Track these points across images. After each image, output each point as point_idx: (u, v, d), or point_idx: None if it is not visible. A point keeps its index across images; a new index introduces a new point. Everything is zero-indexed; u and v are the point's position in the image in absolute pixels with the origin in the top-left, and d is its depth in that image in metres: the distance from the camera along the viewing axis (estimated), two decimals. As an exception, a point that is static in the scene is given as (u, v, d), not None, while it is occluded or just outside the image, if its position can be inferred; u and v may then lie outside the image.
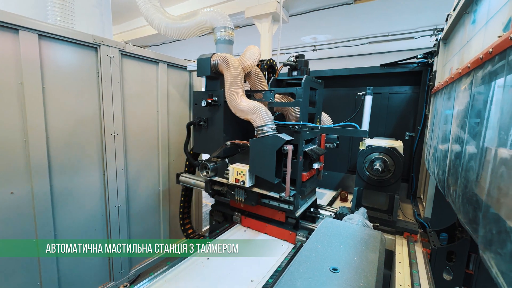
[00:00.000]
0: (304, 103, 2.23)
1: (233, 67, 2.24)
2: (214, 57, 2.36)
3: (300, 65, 2.51)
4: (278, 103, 2.34)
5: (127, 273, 3.01)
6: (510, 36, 0.86)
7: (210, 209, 2.96)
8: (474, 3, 1.57)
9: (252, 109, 2.11)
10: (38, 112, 2.15)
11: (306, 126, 2.15)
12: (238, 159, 2.41)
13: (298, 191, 2.31)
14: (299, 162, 2.26)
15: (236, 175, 2.25)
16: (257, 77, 2.61)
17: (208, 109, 2.47)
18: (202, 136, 2.61)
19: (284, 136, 2.04)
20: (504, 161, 0.87)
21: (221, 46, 2.80)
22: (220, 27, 2.76)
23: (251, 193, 2.34)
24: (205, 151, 2.65)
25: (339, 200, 3.82)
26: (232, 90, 2.22)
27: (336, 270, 0.78)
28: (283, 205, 2.35)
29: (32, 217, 2.20)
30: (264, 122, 2.08)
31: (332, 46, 9.09)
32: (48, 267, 2.31)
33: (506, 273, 0.80)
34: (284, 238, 2.42)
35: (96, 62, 2.53)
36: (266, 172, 2.07)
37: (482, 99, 1.14)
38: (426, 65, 3.29)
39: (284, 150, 2.01)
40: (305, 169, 2.45)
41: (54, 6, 2.76)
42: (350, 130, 2.03)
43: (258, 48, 2.49)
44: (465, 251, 2.09)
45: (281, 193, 2.14)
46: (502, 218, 0.84)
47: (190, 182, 2.77)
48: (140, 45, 9.43)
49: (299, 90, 2.17)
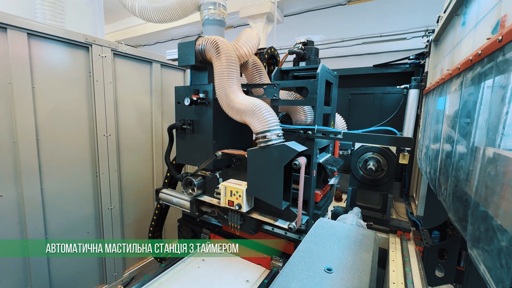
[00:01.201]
0: (320, 101, 1.70)
1: (225, 54, 1.72)
2: (200, 41, 1.81)
3: (309, 53, 2.01)
4: (284, 100, 1.82)
5: (121, 276, 2.97)
6: (498, 39, 0.88)
7: (178, 224, 2.56)
8: (463, 6, 1.60)
9: (251, 109, 1.59)
10: (27, 113, 2.10)
11: (323, 132, 1.62)
12: (232, 174, 1.91)
13: (311, 216, 1.81)
14: (312, 179, 1.75)
15: (230, 196, 1.73)
16: (256, 68, 2.07)
17: (193, 109, 1.97)
18: (187, 144, 2.07)
19: (295, 145, 1.53)
20: (492, 160, 0.89)
21: (210, 28, 2.16)
22: (208, 3, 2.14)
23: (250, 218, 1.81)
24: (190, 162, 2.12)
25: (334, 200, 3.85)
26: (224, 83, 1.70)
27: (331, 270, 0.78)
28: (292, 234, 1.84)
29: (22, 220, 2.15)
30: (268, 127, 1.56)
31: (326, 46, 9.16)
32: (39, 269, 2.26)
33: (493, 269, 0.82)
34: (258, 262, 2.04)
35: (88, 62, 2.49)
36: (270, 195, 1.57)
37: (472, 99, 1.17)
38: (418, 65, 3.35)
39: (295, 165, 1.50)
40: (318, 186, 1.93)
41: (43, 5, 2.70)
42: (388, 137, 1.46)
43: (257, 32, 1.96)
44: (456, 248, 2.13)
45: (291, 222, 1.63)
46: (489, 215, 0.86)
47: (172, 201, 2.18)
48: (133, 44, 9.32)
49: (313, 83, 1.64)
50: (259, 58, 2.22)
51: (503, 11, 0.97)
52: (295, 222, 1.61)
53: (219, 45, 1.74)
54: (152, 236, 2.69)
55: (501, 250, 0.77)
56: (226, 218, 1.94)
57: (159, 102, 3.20)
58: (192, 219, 2.51)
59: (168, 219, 3.52)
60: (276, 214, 1.74)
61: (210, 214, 2.07)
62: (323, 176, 1.98)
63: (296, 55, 2.01)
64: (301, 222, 1.66)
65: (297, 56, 2.00)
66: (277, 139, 1.57)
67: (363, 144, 2.72)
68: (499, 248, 0.79)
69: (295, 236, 1.83)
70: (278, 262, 1.96)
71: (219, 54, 1.74)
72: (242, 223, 1.88)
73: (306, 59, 2.03)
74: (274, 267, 1.97)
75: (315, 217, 1.89)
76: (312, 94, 1.68)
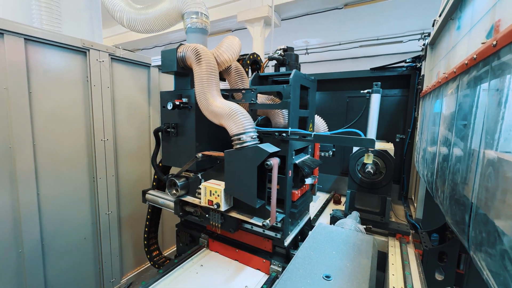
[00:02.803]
0: (294, 105, 1.81)
1: (205, 60, 1.82)
2: (181, 49, 1.93)
3: (289, 59, 2.10)
4: (261, 104, 1.93)
5: (118, 282, 2.93)
6: (493, 44, 0.89)
7: (176, 229, 2.59)
8: (458, 10, 1.62)
9: (227, 112, 1.70)
10: (24, 118, 2.09)
11: (296, 134, 1.73)
12: (213, 175, 1.98)
13: (288, 214, 1.90)
14: (288, 178, 1.85)
15: (209, 195, 1.82)
16: (238, 74, 2.18)
17: (177, 113, 2.06)
18: (172, 146, 2.16)
19: (268, 147, 1.65)
20: (490, 163, 0.89)
21: (193, 36, 2.27)
22: (191, 12, 2.24)
23: (230, 217, 1.92)
24: (175, 164, 2.20)
25: (333, 203, 3.84)
26: (204, 88, 1.80)
27: (329, 277, 0.77)
28: (269, 232, 1.93)
29: (18, 226, 2.12)
30: (243, 129, 1.67)
31: (324, 49, 9.23)
32: (35, 276, 2.23)
33: (497, 274, 0.81)
34: (257, 267, 2.06)
35: (85, 66, 2.48)
36: (245, 193, 1.67)
37: (468, 103, 1.17)
38: (415, 68, 3.38)
39: (267, 166, 1.59)
40: (295, 186, 2.04)
41: (40, 10, 2.70)
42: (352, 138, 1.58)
43: (238, 40, 2.06)
44: (455, 251, 2.12)
45: (265, 219, 1.72)
46: (490, 219, 0.86)
47: (158, 202, 2.26)
48: (131, 48, 9.33)
49: (286, 88, 1.76)
50: (242, 64, 2.32)
51: (497, 16, 0.98)
52: (269, 220, 1.69)
53: (199, 53, 1.84)
54: (147, 243, 2.67)
55: (504, 254, 0.77)
56: (208, 217, 2.02)
57: (157, 106, 3.20)
58: (190, 223, 2.50)
59: (166, 224, 3.50)
60: (253, 213, 1.82)
61: (193, 214, 2.14)
62: (300, 176, 2.06)
63: (276, 61, 2.10)
64: (275, 220, 1.73)
65: (277, 62, 2.10)
66: (251, 141, 1.67)
67: (361, 148, 2.72)
68: (502, 252, 0.78)
69: (272, 234, 1.91)
70: (277, 267, 1.96)
71: (199, 61, 1.84)
72: (222, 222, 1.97)
73: (286, 64, 2.11)
74: (273, 271, 1.96)
75: (291, 215, 1.97)
76: (285, 98, 1.78)
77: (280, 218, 1.82)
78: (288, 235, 1.95)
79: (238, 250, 2.16)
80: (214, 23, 6.69)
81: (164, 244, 3.57)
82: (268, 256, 2.03)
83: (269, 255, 2.05)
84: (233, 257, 2.21)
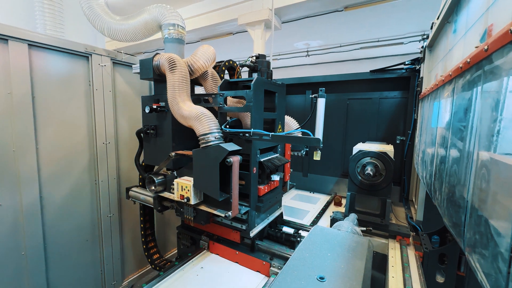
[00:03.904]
0: (256, 108, 1.96)
1: (178, 69, 1.98)
2: (157, 58, 2.08)
3: (260, 66, 2.22)
4: (228, 108, 2.07)
5: (120, 284, 2.95)
6: (484, 48, 0.90)
7: (177, 231, 2.67)
8: (454, 14, 1.63)
9: (194, 115, 1.86)
10: (27, 122, 2.13)
11: (257, 134, 1.89)
12: (186, 172, 2.13)
13: (253, 207, 2.06)
14: (253, 175, 2.01)
15: (181, 190, 1.97)
16: (213, 80, 2.36)
17: (156, 116, 2.25)
18: (151, 146, 2.35)
19: (228, 145, 1.80)
20: (484, 164, 0.90)
21: (170, 46, 2.43)
22: (168, 24, 2.38)
23: (200, 210, 2.08)
24: (155, 162, 2.36)
25: (333, 205, 3.84)
26: (176, 94, 1.96)
27: (323, 279, 0.78)
28: (236, 224, 2.11)
29: (20, 229, 2.15)
30: (209, 130, 1.83)
31: (324, 51, 9.24)
32: (37, 278, 2.25)
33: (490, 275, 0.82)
34: (257, 269, 2.12)
35: (87, 71, 2.52)
36: (210, 188, 1.82)
37: (463, 105, 1.19)
38: (414, 71, 3.38)
39: (227, 163, 1.75)
40: (262, 182, 2.19)
41: (43, 15, 2.75)
42: (301, 138, 1.80)
43: (213, 48, 2.23)
44: (456, 253, 2.12)
45: (228, 211, 1.87)
46: (484, 220, 0.87)
47: (139, 198, 2.41)
48: (134, 52, 9.42)
49: (248, 93, 1.91)
50: (218, 70, 2.51)
51: (489, 21, 1.00)
52: (230, 212, 1.85)
53: (173, 62, 2.00)
54: (146, 246, 2.69)
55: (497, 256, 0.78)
56: (182, 211, 2.19)
57: (158, 109, 3.23)
58: (190, 226, 2.52)
59: (168, 226, 3.52)
60: (220, 206, 1.96)
61: (171, 208, 2.31)
62: (267, 173, 2.22)
63: (248, 67, 2.26)
64: (237, 212, 1.91)
65: (249, 68, 2.27)
66: (215, 140, 1.83)
67: (361, 149, 2.73)
68: (494, 253, 0.79)
69: (238, 225, 2.12)
70: (277, 269, 1.97)
71: (172, 69, 1.99)
72: (195, 215, 2.14)
73: (258, 71, 2.24)
74: (273, 274, 1.98)
75: (257, 208, 2.13)
76: (248, 102, 1.94)
77: (244, 211, 1.99)
78: (254, 227, 2.11)
79: (238, 252, 2.20)
80: (214, 27, 6.74)
81: (170, 246, 3.59)
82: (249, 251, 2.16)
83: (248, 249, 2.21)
84: (233, 259, 2.24)
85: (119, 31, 2.55)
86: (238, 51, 8.92)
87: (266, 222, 2.28)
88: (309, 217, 3.35)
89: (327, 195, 4.30)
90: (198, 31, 6.87)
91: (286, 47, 9.34)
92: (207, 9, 6.57)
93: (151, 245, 2.74)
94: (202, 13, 6.63)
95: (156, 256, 2.76)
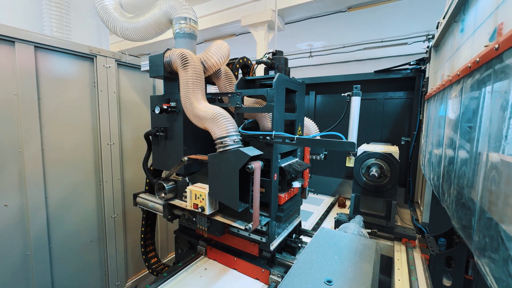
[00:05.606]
0: (278, 108, 1.78)
1: (191, 65, 1.82)
2: (168, 54, 1.93)
3: (278, 63, 2.07)
4: (246, 108, 1.89)
5: (124, 285, 2.95)
6: (495, 47, 0.88)
7: (175, 236, 2.53)
8: (462, 13, 1.61)
9: (210, 116, 1.68)
10: (33, 123, 2.15)
11: (280, 137, 1.69)
12: (199, 178, 1.95)
13: (274, 217, 1.87)
14: (273, 182, 1.82)
15: (195, 199, 1.79)
16: (227, 78, 2.19)
17: (165, 116, 2.08)
18: (161, 150, 2.17)
19: (249, 150, 1.61)
20: (494, 166, 0.88)
21: (181, 41, 2.25)
22: (179, 18, 2.22)
23: (216, 221, 1.88)
24: (164, 167, 2.21)
25: (338, 206, 3.81)
26: (190, 92, 1.80)
27: (331, 282, 0.77)
28: (254, 236, 1.90)
29: (26, 229, 2.16)
30: (226, 133, 1.65)
31: (328, 52, 9.22)
32: (42, 278, 2.27)
33: (500, 280, 0.80)
34: (256, 277, 1.98)
35: (92, 72, 2.54)
36: (228, 197, 1.64)
37: (472, 106, 1.16)
38: (419, 71, 3.35)
39: (249, 169, 1.57)
40: (282, 189, 2.00)
41: (50, 18, 2.79)
42: (334, 142, 1.56)
43: (227, 44, 2.06)
44: (463, 256, 2.08)
45: (248, 223, 1.68)
46: (494, 223, 0.85)
47: (148, 205, 2.24)
48: (138, 53, 9.49)
49: (270, 92, 1.72)
50: (232, 68, 2.33)
51: (499, 19, 0.98)
52: (251, 224, 1.65)
53: (186, 57, 1.83)
54: (145, 250, 2.60)
55: (507, 260, 0.76)
56: (195, 221, 2.02)
57: (162, 110, 3.24)
58: (189, 230, 2.44)
59: (165, 230, 3.51)
60: (238, 216, 1.77)
61: (181, 217, 2.12)
62: (287, 179, 2.01)
63: (265, 64, 2.08)
64: (258, 223, 1.70)
65: (266, 65, 2.09)
66: (233, 144, 1.65)
67: (366, 150, 2.70)
68: (505, 257, 0.77)
69: (258, 238, 1.90)
70: (277, 277, 1.87)
71: (185, 66, 1.83)
72: (209, 226, 1.97)
73: (275, 68, 2.08)
74: (272, 281, 1.87)
75: (278, 219, 1.91)
76: (269, 101, 1.74)
77: (265, 222, 1.79)
78: (274, 239, 1.91)
79: (237, 258, 2.08)
80: (218, 28, 6.77)
81: (168, 250, 3.58)
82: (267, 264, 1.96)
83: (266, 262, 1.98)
84: (231, 266, 2.13)
85: (131, 30, 2.47)
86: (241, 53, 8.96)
87: (286, 232, 2.10)
88: (313, 219, 3.32)
89: (331, 197, 4.27)
90: (201, 32, 6.90)
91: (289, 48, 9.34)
92: (211, 10, 6.60)
93: (149, 248, 2.65)
94: (206, 15, 6.66)
95: (154, 260, 2.66)
